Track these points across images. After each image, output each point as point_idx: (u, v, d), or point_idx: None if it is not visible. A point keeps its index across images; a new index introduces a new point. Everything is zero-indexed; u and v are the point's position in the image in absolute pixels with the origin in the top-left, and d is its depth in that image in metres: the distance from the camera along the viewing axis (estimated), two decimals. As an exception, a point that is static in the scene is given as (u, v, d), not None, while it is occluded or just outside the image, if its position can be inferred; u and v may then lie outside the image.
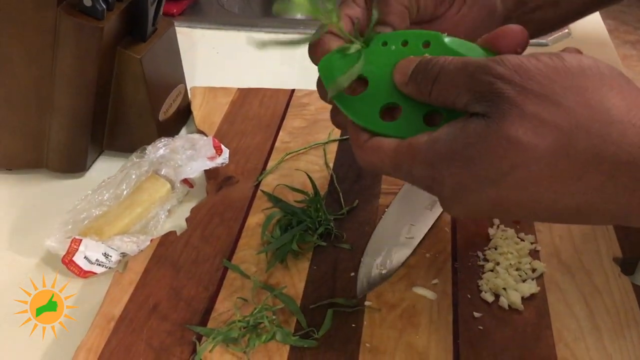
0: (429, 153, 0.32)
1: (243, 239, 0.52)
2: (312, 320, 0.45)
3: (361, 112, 0.37)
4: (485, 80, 0.30)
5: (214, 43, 0.85)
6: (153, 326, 0.45)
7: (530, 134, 0.28)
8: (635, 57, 2.59)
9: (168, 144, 0.57)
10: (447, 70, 0.32)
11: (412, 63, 0.35)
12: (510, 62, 0.30)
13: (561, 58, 0.30)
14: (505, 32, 0.34)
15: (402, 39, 0.37)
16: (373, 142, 0.36)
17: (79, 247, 0.49)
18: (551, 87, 0.29)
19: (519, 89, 0.29)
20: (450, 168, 0.31)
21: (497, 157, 0.29)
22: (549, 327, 0.44)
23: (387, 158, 0.35)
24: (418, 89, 0.34)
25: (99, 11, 0.51)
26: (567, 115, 0.28)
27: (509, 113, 0.29)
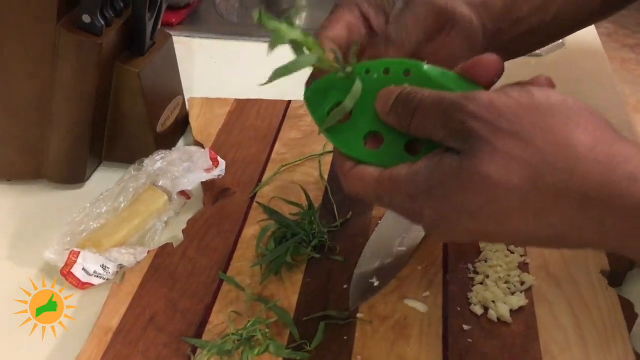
0: (409, 186, 0.34)
1: (239, 251, 0.53)
2: (305, 333, 0.46)
3: (345, 140, 0.38)
4: (458, 118, 0.31)
5: (213, 53, 0.86)
6: (150, 338, 0.46)
7: (502, 171, 0.30)
8: (634, 60, 2.60)
9: (165, 157, 0.58)
10: (425, 105, 0.34)
11: (393, 94, 0.36)
12: (482, 100, 0.31)
13: (530, 94, 0.31)
14: (481, 62, 0.35)
15: (384, 67, 0.38)
16: (357, 171, 0.37)
17: (77, 259, 0.50)
18: (520, 124, 0.30)
19: (490, 127, 0.30)
20: (429, 201, 0.33)
21: (471, 193, 0.31)
22: (537, 339, 0.45)
23: (370, 188, 0.36)
24: (398, 120, 0.36)
25: (98, 28, 0.52)
26: (536, 153, 0.30)
27: (481, 151, 0.30)
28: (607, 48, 2.71)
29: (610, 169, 0.29)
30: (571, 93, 0.83)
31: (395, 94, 0.36)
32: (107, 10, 0.53)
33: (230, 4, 1.02)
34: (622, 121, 0.72)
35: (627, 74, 2.51)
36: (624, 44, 2.69)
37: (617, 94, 0.77)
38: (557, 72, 0.79)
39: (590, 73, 0.80)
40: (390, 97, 0.36)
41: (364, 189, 0.37)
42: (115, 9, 0.54)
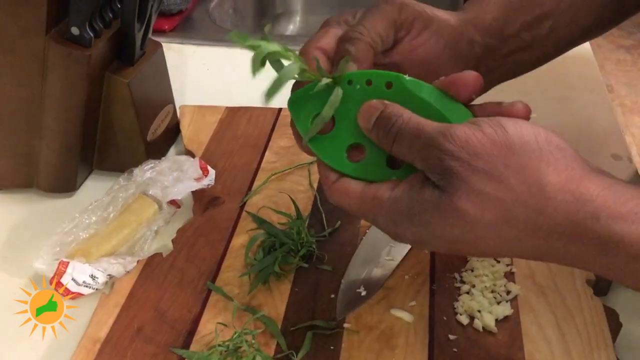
0: (391, 211, 0.36)
1: (227, 260, 0.54)
2: (293, 343, 0.46)
3: (328, 151, 0.39)
4: (436, 155, 0.34)
5: (206, 59, 0.87)
6: (137, 348, 0.46)
7: (477, 208, 0.33)
8: (630, 61, 2.61)
9: (155, 166, 0.59)
10: (404, 135, 0.36)
11: (375, 111, 0.37)
12: (459, 139, 0.33)
13: (504, 132, 0.33)
14: (459, 80, 0.37)
15: (367, 78, 0.39)
16: (340, 184, 0.38)
17: (67, 269, 0.50)
18: (494, 164, 0.33)
19: (466, 166, 0.33)
20: (410, 227, 0.36)
21: (449, 225, 0.34)
22: (521, 349, 0.46)
23: (353, 203, 0.38)
24: (379, 141, 0.37)
25: (87, 39, 0.53)
26: (508, 192, 0.33)
27: (458, 188, 0.33)
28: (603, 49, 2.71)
29: (576, 208, 0.32)
30: (561, 98, 0.83)
31: (377, 113, 0.37)
32: (96, 22, 0.53)
33: (223, 10, 1.02)
34: (611, 125, 0.72)
35: (623, 75, 2.52)
36: (620, 45, 2.69)
37: (607, 100, 0.77)
38: (547, 78, 0.80)
39: (580, 78, 0.80)
40: (372, 115, 0.37)
41: (347, 203, 0.38)
42: (104, 20, 0.55)
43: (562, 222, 0.32)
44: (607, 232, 0.32)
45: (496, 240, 0.34)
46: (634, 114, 2.31)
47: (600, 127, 0.72)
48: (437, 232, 0.34)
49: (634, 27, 2.79)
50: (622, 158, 0.68)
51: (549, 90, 0.78)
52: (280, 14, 1.13)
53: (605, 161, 0.67)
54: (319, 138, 0.39)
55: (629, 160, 0.67)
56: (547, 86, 0.79)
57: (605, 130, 0.72)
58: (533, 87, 0.78)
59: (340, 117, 0.39)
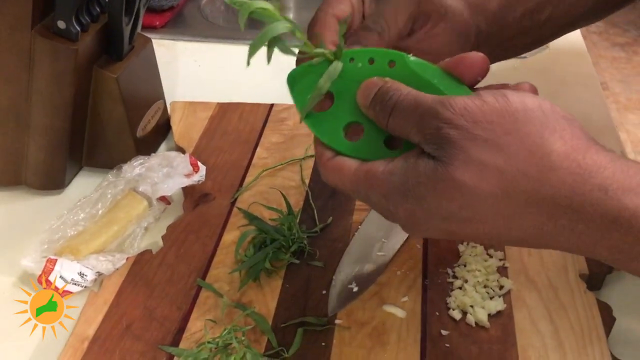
0: (384, 185, 0.34)
1: (218, 256, 0.53)
2: (283, 339, 0.46)
3: (326, 129, 0.38)
4: (434, 124, 0.32)
5: (197, 56, 0.86)
6: (126, 346, 0.46)
7: (475, 178, 0.30)
8: (624, 59, 2.61)
9: (144, 163, 0.58)
10: (401, 107, 0.34)
11: (374, 87, 0.36)
12: (457, 107, 0.31)
13: (506, 99, 0.31)
14: (465, 60, 0.35)
15: (369, 56, 0.38)
16: (335, 161, 0.37)
17: (55, 266, 0.50)
18: (494, 132, 0.30)
19: (465, 134, 0.31)
20: (403, 203, 0.33)
21: (445, 198, 0.32)
22: (514, 344, 0.45)
23: (347, 180, 0.36)
24: (376, 117, 0.36)
25: (73, 33, 0.52)
26: (510, 160, 0.30)
27: (455, 157, 0.31)
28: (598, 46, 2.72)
29: (582, 179, 0.29)
30: (555, 94, 0.83)
31: (376, 89, 0.35)
32: (83, 16, 0.53)
33: (215, 6, 1.01)
34: (605, 122, 0.72)
35: (617, 72, 2.52)
36: (615, 43, 2.70)
37: (601, 95, 0.77)
38: (541, 74, 0.80)
39: (574, 74, 0.80)
40: (371, 91, 0.35)
41: (340, 181, 0.37)
42: (91, 14, 0.54)
43: (568, 194, 0.29)
44: (617, 206, 0.29)
45: (495, 218, 0.31)
46: (629, 111, 2.31)
47: (594, 123, 0.72)
48: (432, 207, 0.32)
49: (629, 25, 2.80)
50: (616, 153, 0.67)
51: (543, 87, 0.77)
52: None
53: (599, 156, 0.67)
54: (317, 115, 0.38)
55: (623, 155, 0.67)
56: (541, 82, 0.78)
57: (600, 126, 0.72)
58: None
59: (340, 95, 0.38)
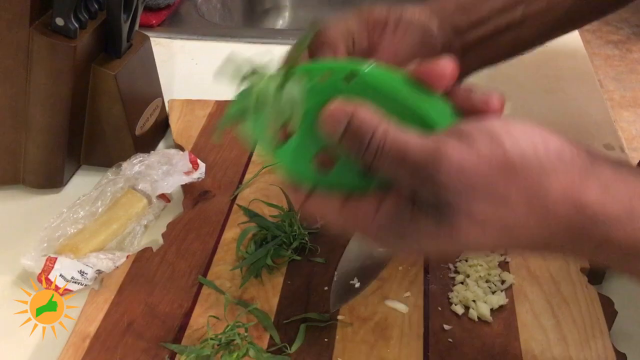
0: (381, 230, 0.33)
1: (218, 254, 0.53)
2: (286, 336, 0.46)
3: (293, 161, 0.33)
4: (429, 187, 0.30)
5: (194, 54, 0.86)
6: (128, 344, 0.45)
7: (479, 235, 0.31)
8: (618, 56, 2.62)
9: (144, 160, 0.58)
10: (386, 156, 0.31)
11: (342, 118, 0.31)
12: (453, 167, 0.30)
13: (502, 149, 0.30)
14: (435, 69, 0.32)
15: (323, 72, 0.32)
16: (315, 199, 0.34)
17: (54, 265, 0.49)
18: (495, 188, 0.30)
19: (464, 197, 0.30)
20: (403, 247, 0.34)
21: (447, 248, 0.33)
22: (517, 338, 0.45)
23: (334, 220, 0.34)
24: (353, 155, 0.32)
25: (72, 30, 0.52)
26: (511, 212, 0.31)
27: (457, 221, 0.31)
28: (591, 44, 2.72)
29: (576, 216, 0.31)
30: (552, 90, 0.83)
31: (344, 121, 0.31)
32: (81, 13, 0.52)
33: (211, 4, 1.01)
34: (602, 116, 0.72)
35: (611, 69, 2.53)
36: (608, 40, 2.71)
37: (598, 91, 0.77)
38: (537, 70, 0.80)
39: (571, 70, 0.80)
40: (339, 123, 0.31)
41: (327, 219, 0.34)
42: (90, 11, 0.54)
43: (562, 231, 0.32)
44: (605, 234, 0.31)
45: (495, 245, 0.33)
46: (623, 108, 2.32)
47: (591, 117, 0.72)
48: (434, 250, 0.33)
49: (622, 23, 2.81)
50: (614, 148, 0.67)
51: (540, 83, 0.78)
52: (269, 8, 1.13)
53: (598, 151, 0.67)
54: (281, 148, 0.33)
55: (620, 149, 0.67)
56: (538, 78, 0.79)
57: (597, 120, 0.72)
58: (525, 80, 0.78)
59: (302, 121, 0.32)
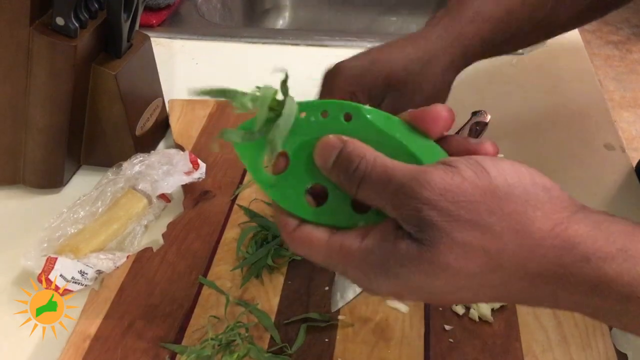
0: (362, 264, 0.32)
1: (219, 254, 0.53)
2: (286, 336, 0.46)
3: (285, 194, 0.33)
4: (412, 205, 0.30)
5: (194, 54, 0.86)
6: (128, 344, 0.45)
7: (461, 259, 0.30)
8: (618, 57, 2.62)
9: (144, 160, 0.58)
10: (370, 180, 0.31)
11: (333, 150, 0.32)
12: (436, 186, 0.30)
13: (487, 175, 0.30)
14: (430, 114, 0.33)
15: (322, 109, 0.33)
16: (302, 232, 0.33)
17: (55, 265, 0.49)
18: (478, 211, 0.30)
19: (447, 216, 0.29)
20: (385, 281, 0.32)
21: (430, 277, 0.31)
22: (518, 339, 0.45)
23: (319, 253, 0.33)
24: (341, 184, 0.33)
25: (72, 30, 0.51)
26: (495, 240, 0.30)
27: (439, 241, 0.30)
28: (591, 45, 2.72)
29: (565, 252, 0.30)
30: (553, 90, 0.83)
31: (335, 152, 0.32)
32: (81, 12, 0.52)
33: (211, 4, 1.01)
34: (603, 117, 0.72)
35: (611, 70, 2.53)
36: (608, 41, 2.71)
37: (598, 91, 0.77)
38: (538, 70, 0.80)
39: (572, 70, 0.80)
40: (330, 153, 0.32)
41: (311, 254, 0.34)
42: (90, 11, 0.54)
43: (551, 267, 0.30)
44: (598, 274, 0.30)
45: (482, 288, 0.31)
46: (623, 108, 2.32)
47: (592, 117, 0.72)
48: (416, 285, 0.31)
49: (622, 23, 2.81)
50: (614, 148, 0.67)
51: (540, 83, 0.78)
52: (269, 8, 1.12)
53: (598, 151, 0.67)
54: (274, 179, 0.33)
55: (621, 149, 0.67)
56: (538, 78, 0.79)
57: (597, 120, 0.72)
58: (525, 80, 0.78)
59: (296, 154, 0.33)
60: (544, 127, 0.70)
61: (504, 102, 0.74)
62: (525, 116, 0.72)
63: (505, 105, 0.73)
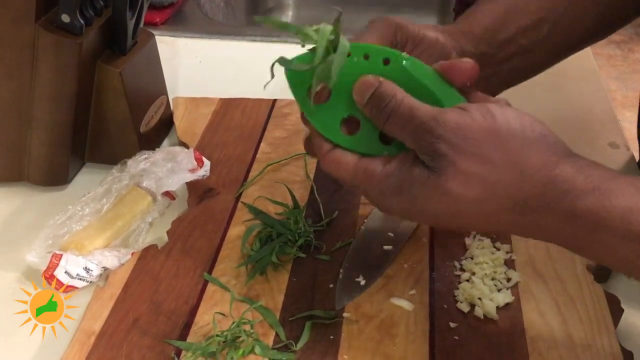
0: (382, 184, 0.38)
1: (224, 251, 0.53)
2: (291, 333, 0.46)
3: (324, 121, 0.39)
4: (428, 139, 0.36)
5: (197, 52, 0.86)
6: (133, 341, 0.45)
7: (462, 186, 0.36)
8: (620, 56, 2.62)
9: (149, 157, 0.58)
10: (397, 115, 0.38)
11: (370, 88, 0.38)
12: (450, 124, 0.36)
13: (493, 118, 0.36)
14: (457, 66, 0.39)
15: (365, 52, 0.39)
16: (334, 154, 0.40)
17: (60, 262, 0.49)
18: (481, 147, 0.36)
19: (455, 149, 0.36)
20: (398, 201, 0.38)
21: (435, 200, 0.37)
22: (523, 336, 0.45)
23: (346, 173, 0.39)
24: (372, 118, 0.39)
25: (77, 27, 0.51)
26: (493, 171, 0.36)
27: (446, 169, 0.36)
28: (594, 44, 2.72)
29: (549, 186, 0.35)
30: (557, 87, 0.83)
31: (371, 89, 0.38)
32: (87, 9, 0.52)
33: (215, 3, 1.01)
34: (607, 114, 0.72)
35: (613, 69, 2.53)
36: (610, 40, 2.71)
37: (602, 88, 0.77)
38: (542, 68, 0.80)
39: (575, 68, 0.80)
40: (367, 90, 0.38)
41: (339, 174, 0.40)
42: (95, 8, 0.54)
43: (537, 198, 0.35)
44: (572, 206, 0.35)
45: (476, 215, 0.37)
46: (625, 108, 2.32)
47: (596, 115, 0.72)
48: (423, 206, 0.37)
49: (624, 23, 2.81)
50: (619, 146, 0.67)
51: (545, 81, 0.78)
52: (272, 7, 1.13)
53: (603, 149, 0.67)
54: (316, 108, 0.39)
55: (626, 148, 0.67)
56: (543, 76, 0.79)
57: (601, 119, 0.72)
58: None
59: (337, 88, 0.39)
60: (548, 125, 0.70)
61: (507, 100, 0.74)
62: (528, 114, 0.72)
63: (509, 104, 0.73)
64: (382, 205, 0.40)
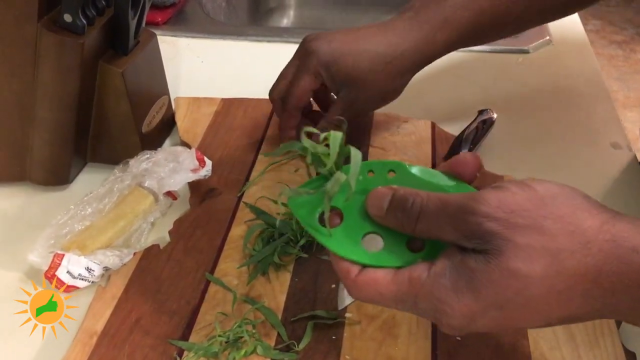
0: (435, 288, 0.34)
1: (225, 251, 0.53)
2: (293, 333, 0.46)
3: (342, 244, 0.36)
4: (473, 221, 0.33)
5: (199, 52, 0.86)
6: (135, 341, 0.45)
7: (528, 263, 0.32)
8: (621, 57, 2.62)
9: (151, 157, 0.58)
10: (428, 210, 0.35)
11: (385, 197, 0.36)
12: (492, 200, 0.33)
13: (531, 188, 0.34)
14: (461, 161, 0.37)
15: (367, 169, 0.38)
16: (366, 275, 0.36)
17: (62, 261, 0.49)
18: (532, 218, 0.33)
19: (507, 225, 0.32)
20: (461, 300, 0.34)
21: (502, 287, 0.33)
22: (526, 336, 0.45)
23: (387, 292, 0.35)
24: (399, 224, 0.36)
25: (79, 27, 0.51)
26: (552, 241, 0.33)
27: (505, 248, 0.32)
28: (595, 45, 2.72)
29: (617, 245, 0.33)
30: (559, 88, 0.83)
31: (388, 197, 0.36)
32: (89, 9, 0.52)
33: (216, 3, 1.01)
34: (610, 115, 0.72)
35: (615, 70, 2.53)
36: (612, 41, 2.71)
37: (605, 90, 0.77)
38: (544, 69, 0.80)
39: (578, 69, 0.80)
40: (383, 200, 0.36)
41: (379, 294, 0.36)
42: (97, 8, 0.54)
43: (607, 260, 0.33)
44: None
45: (549, 296, 0.33)
46: (627, 108, 2.32)
47: (598, 116, 0.72)
48: (489, 298, 0.33)
49: (626, 23, 2.81)
50: (621, 147, 0.67)
51: (547, 82, 0.78)
52: (274, 7, 1.13)
53: (605, 150, 0.67)
54: (330, 233, 0.37)
55: (628, 148, 0.67)
56: (544, 77, 0.79)
57: (604, 119, 0.72)
58: (531, 78, 0.78)
59: (347, 209, 0.37)
60: (550, 126, 0.70)
61: (510, 101, 0.74)
62: (531, 114, 0.72)
63: (511, 104, 0.73)
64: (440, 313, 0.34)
